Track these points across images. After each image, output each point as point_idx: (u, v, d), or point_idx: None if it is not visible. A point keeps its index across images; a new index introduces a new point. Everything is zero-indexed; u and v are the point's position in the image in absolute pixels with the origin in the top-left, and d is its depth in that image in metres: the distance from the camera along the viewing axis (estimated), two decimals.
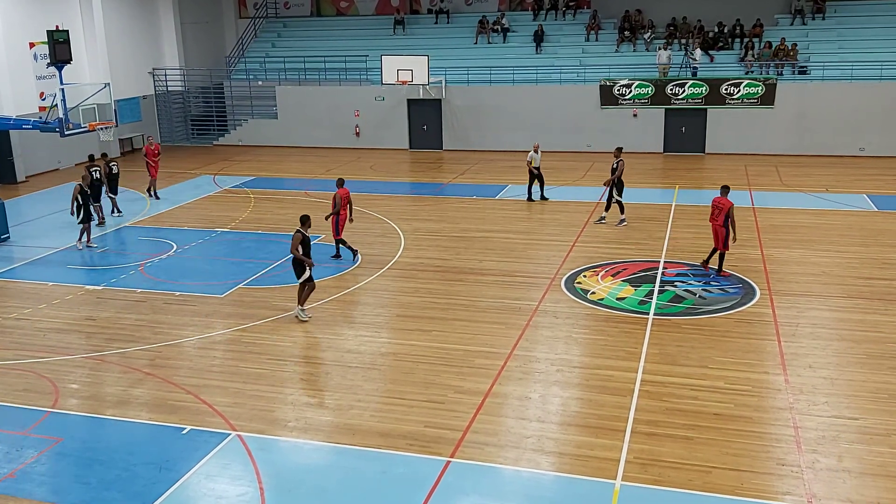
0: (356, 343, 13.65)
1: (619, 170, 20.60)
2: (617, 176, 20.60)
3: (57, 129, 20.72)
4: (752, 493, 9.17)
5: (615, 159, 20.88)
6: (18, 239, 20.48)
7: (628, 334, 13.77)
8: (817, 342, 13.29)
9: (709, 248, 17.17)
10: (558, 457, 10.05)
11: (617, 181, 20.69)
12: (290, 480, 9.64)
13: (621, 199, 20.86)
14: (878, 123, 29.46)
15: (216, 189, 26.47)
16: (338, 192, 17.83)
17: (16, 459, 10.17)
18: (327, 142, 34.55)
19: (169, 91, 36.60)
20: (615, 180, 20.67)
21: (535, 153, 23.06)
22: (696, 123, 31.22)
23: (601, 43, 34.57)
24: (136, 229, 21.48)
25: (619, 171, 20.59)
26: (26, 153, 28.63)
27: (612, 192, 20.82)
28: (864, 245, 18.63)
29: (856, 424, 10.61)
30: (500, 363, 12.67)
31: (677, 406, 11.18)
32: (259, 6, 39.99)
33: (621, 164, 20.69)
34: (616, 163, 20.75)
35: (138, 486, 9.51)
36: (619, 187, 20.79)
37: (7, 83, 27.68)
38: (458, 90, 33.14)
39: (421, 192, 25.94)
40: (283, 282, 16.76)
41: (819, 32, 32.75)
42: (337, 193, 17.80)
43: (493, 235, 20.01)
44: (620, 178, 20.69)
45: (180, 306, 15.62)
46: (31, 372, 12.78)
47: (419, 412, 11.18)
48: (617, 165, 20.68)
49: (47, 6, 29.67)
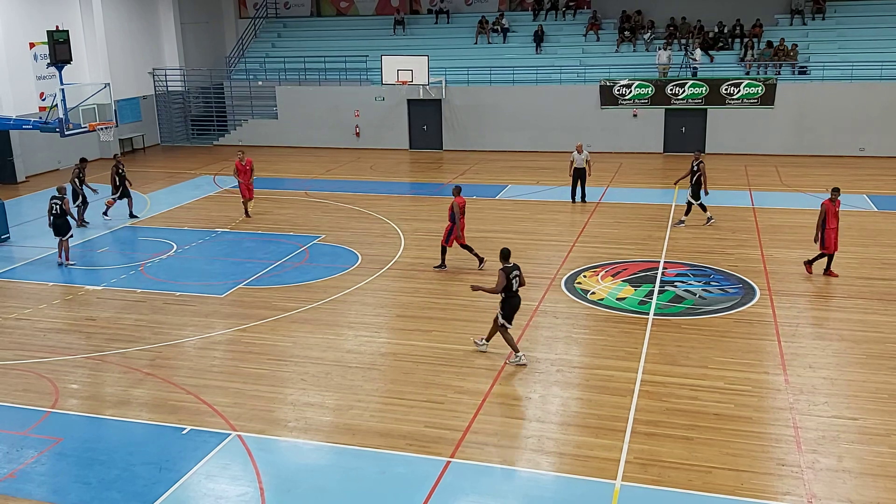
0: (356, 343, 13.65)
1: (700, 172, 19.98)
2: (698, 177, 19.97)
3: (57, 130, 20.72)
4: (752, 493, 9.17)
5: (695, 161, 20.33)
6: (18, 239, 20.48)
7: (628, 334, 13.77)
8: (817, 342, 13.29)
9: (709, 248, 17.17)
10: (558, 457, 10.05)
11: (695, 183, 20.10)
12: (290, 480, 9.64)
13: (695, 202, 20.26)
14: (878, 123, 29.46)
15: (216, 189, 26.48)
16: (455, 201, 17.00)
17: (16, 459, 10.17)
18: (327, 142, 34.55)
19: (169, 91, 36.60)
20: (695, 182, 20.05)
21: (577, 153, 22.68)
22: (696, 123, 31.23)
23: (601, 43, 34.57)
24: (136, 229, 21.48)
25: (702, 173, 19.97)
26: (26, 153, 28.63)
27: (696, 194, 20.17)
28: (863, 245, 18.62)
29: (856, 424, 10.61)
30: (500, 363, 12.67)
31: (677, 406, 11.18)
32: (259, 6, 40.00)
33: (702, 165, 20.10)
34: (696, 164, 20.14)
35: (138, 486, 9.51)
36: (696, 190, 20.21)
37: (7, 83, 27.68)
38: (458, 90, 33.15)
39: (421, 192, 25.94)
40: (282, 282, 16.77)
41: (819, 32, 32.76)
42: (454, 202, 16.98)
43: (493, 235, 19.99)
44: (700, 179, 20.05)
45: (180, 306, 15.62)
46: (32, 372, 12.78)
47: (419, 412, 11.18)
48: (698, 167, 20.07)
49: (47, 6, 29.66)
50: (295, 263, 18.09)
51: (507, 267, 12.39)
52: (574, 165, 22.89)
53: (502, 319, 12.59)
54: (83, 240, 20.38)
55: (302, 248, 19.26)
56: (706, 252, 18.13)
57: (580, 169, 22.88)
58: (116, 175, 22.13)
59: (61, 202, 17.95)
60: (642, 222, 21.05)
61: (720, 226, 20.39)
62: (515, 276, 12.45)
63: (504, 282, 12.32)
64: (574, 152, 22.89)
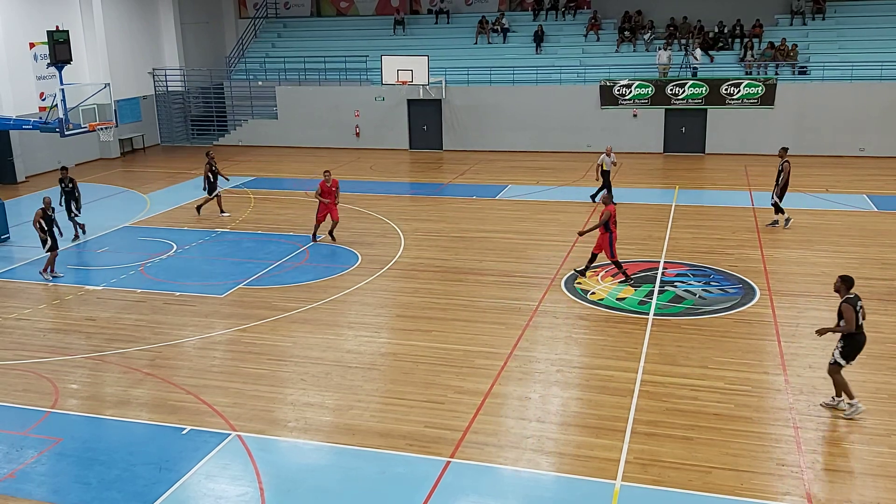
0: (356, 343, 13.65)
1: (785, 172, 19.71)
2: (784, 179, 19.73)
3: (57, 130, 20.70)
4: (751, 493, 9.17)
5: (780, 160, 19.97)
6: (18, 239, 20.47)
7: (628, 334, 13.77)
8: (817, 342, 13.25)
9: (708, 248, 17.17)
10: (558, 457, 10.05)
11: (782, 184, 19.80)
12: (290, 480, 9.64)
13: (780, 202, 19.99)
14: (878, 123, 29.46)
15: (216, 189, 26.42)
16: (607, 209, 16.17)
17: (16, 459, 10.17)
18: (327, 142, 34.55)
19: (169, 91, 36.61)
20: (781, 183, 19.81)
21: (606, 156, 22.41)
22: (696, 124, 31.23)
23: (601, 43, 34.57)
24: (136, 229, 21.48)
25: (787, 174, 19.71)
26: (26, 153, 28.63)
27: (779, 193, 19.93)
28: (863, 245, 18.63)
29: (856, 425, 10.60)
30: (500, 363, 12.67)
31: (677, 406, 11.18)
32: (259, 6, 40.00)
33: (787, 165, 19.79)
34: (782, 164, 19.84)
35: (138, 487, 9.51)
36: (782, 190, 19.90)
37: (7, 83, 27.68)
38: (458, 90, 33.15)
39: (421, 192, 25.94)
40: (282, 282, 16.77)
41: (819, 33, 32.76)
42: (606, 209, 16.16)
43: (493, 235, 20.01)
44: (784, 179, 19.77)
45: (180, 306, 15.62)
46: (32, 372, 12.78)
47: (419, 412, 11.18)
48: (783, 167, 19.78)
49: (47, 6, 29.66)
50: (295, 263, 18.10)
51: (850, 298, 10.74)
52: (603, 168, 22.52)
53: (840, 358, 10.83)
54: (82, 240, 20.39)
55: (302, 248, 19.27)
56: (706, 252, 18.13)
57: (609, 172, 22.56)
58: (209, 172, 22.15)
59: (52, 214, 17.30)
60: (642, 222, 21.05)
61: (720, 226, 20.40)
62: (860, 307, 10.73)
63: (853, 316, 10.61)
64: (603, 155, 22.58)
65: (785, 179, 19.86)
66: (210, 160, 22.42)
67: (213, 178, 22.33)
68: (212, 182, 22.32)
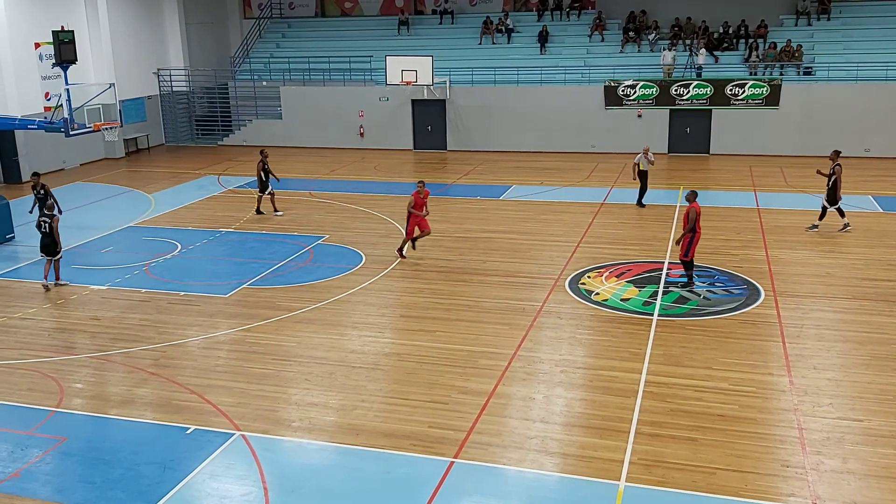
0: (360, 343, 13.66)
1: (836, 175, 19.39)
2: (833, 181, 19.39)
3: (62, 130, 20.77)
4: (756, 494, 9.15)
5: (832, 163, 19.52)
6: (23, 238, 20.51)
7: (632, 335, 13.76)
8: (822, 343, 13.26)
9: (713, 249, 17.14)
10: (562, 458, 10.04)
11: (831, 186, 19.46)
12: (294, 480, 9.65)
13: (830, 207, 19.62)
14: (884, 124, 29.38)
15: (220, 189, 26.51)
16: (692, 206, 15.72)
17: (20, 458, 10.19)
18: (331, 142, 34.58)
19: (174, 91, 36.67)
20: (831, 185, 19.44)
21: (643, 156, 22.32)
22: (701, 124, 31.19)
23: (606, 43, 34.56)
24: (141, 229, 21.50)
25: (837, 177, 19.38)
26: (31, 153, 28.69)
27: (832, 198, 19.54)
28: (868, 246, 18.58)
29: (860, 426, 10.58)
30: (504, 364, 12.66)
31: (681, 407, 11.16)
32: (264, 7, 40.05)
33: (838, 168, 19.40)
34: (833, 167, 19.50)
35: (143, 486, 9.52)
36: (833, 194, 19.49)
37: (12, 83, 27.75)
38: (463, 90, 33.15)
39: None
40: (286, 282, 16.79)
41: (824, 33, 32.70)
42: (691, 207, 15.70)
43: (497, 236, 20.00)
44: (836, 183, 19.43)
45: (185, 306, 15.64)
46: (36, 371, 12.81)
47: (423, 413, 11.18)
48: (834, 171, 19.46)
49: (52, 6, 29.73)
50: (299, 263, 18.11)
51: None
52: (640, 168, 22.41)
53: None
54: (86, 240, 20.42)
55: (306, 248, 19.28)
56: (711, 253, 18.09)
57: (646, 172, 22.47)
58: (262, 171, 22.09)
59: (51, 220, 16.71)
60: (647, 223, 21.02)
61: (724, 226, 20.37)
62: None
63: None
64: (640, 154, 22.51)
65: (835, 183, 19.49)
66: (263, 159, 22.22)
67: (266, 177, 22.20)
68: (263, 181, 22.20)
